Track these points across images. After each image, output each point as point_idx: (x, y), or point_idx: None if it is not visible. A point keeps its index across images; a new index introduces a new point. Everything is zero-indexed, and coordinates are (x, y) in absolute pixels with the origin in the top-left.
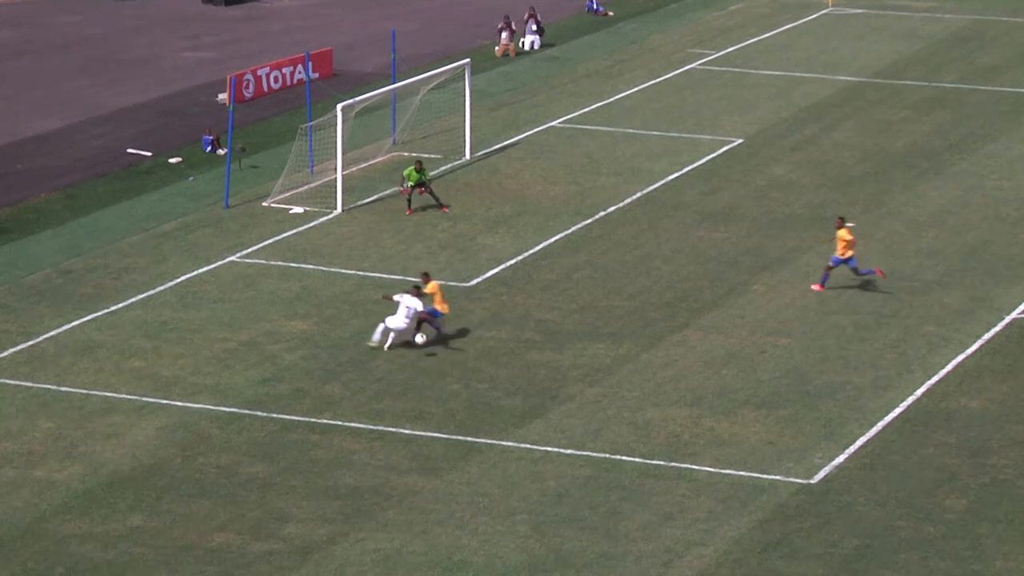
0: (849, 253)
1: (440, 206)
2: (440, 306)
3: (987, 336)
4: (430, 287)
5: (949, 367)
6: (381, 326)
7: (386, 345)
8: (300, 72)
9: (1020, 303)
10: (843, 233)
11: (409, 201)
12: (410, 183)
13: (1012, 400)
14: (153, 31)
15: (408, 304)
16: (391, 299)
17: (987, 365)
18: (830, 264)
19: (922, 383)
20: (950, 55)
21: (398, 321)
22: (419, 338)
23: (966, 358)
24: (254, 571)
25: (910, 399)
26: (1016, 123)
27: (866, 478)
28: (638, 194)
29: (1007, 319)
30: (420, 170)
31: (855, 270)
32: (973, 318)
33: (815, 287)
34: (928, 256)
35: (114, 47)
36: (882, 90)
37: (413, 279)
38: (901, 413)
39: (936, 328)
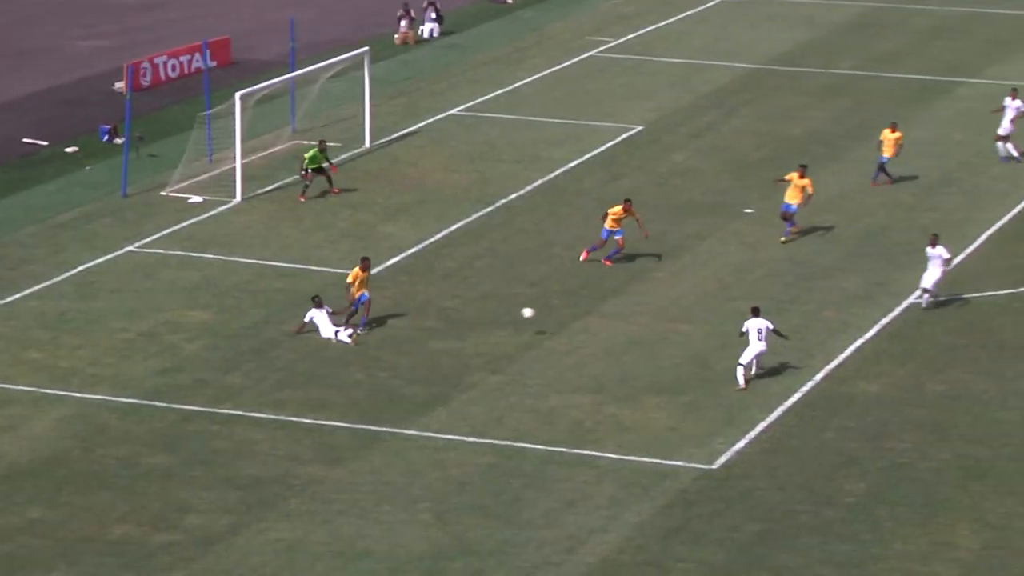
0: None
1: (331, 188)
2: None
3: (885, 320)
4: (354, 275)
5: (848, 352)
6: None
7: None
8: (198, 60)
9: (917, 287)
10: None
11: (305, 187)
12: (310, 166)
13: (910, 384)
14: (49, 19)
15: (317, 319)
16: (302, 329)
17: (885, 349)
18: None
19: (821, 368)
20: (847, 42)
21: (327, 332)
22: (344, 334)
23: (865, 343)
24: (155, 563)
25: (810, 384)
26: (912, 109)
27: (767, 463)
28: (539, 182)
29: (905, 303)
30: (323, 150)
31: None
32: (872, 303)
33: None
34: (827, 242)
35: (10, 35)
36: (780, 77)
37: (314, 268)
38: (801, 398)
39: (835, 313)
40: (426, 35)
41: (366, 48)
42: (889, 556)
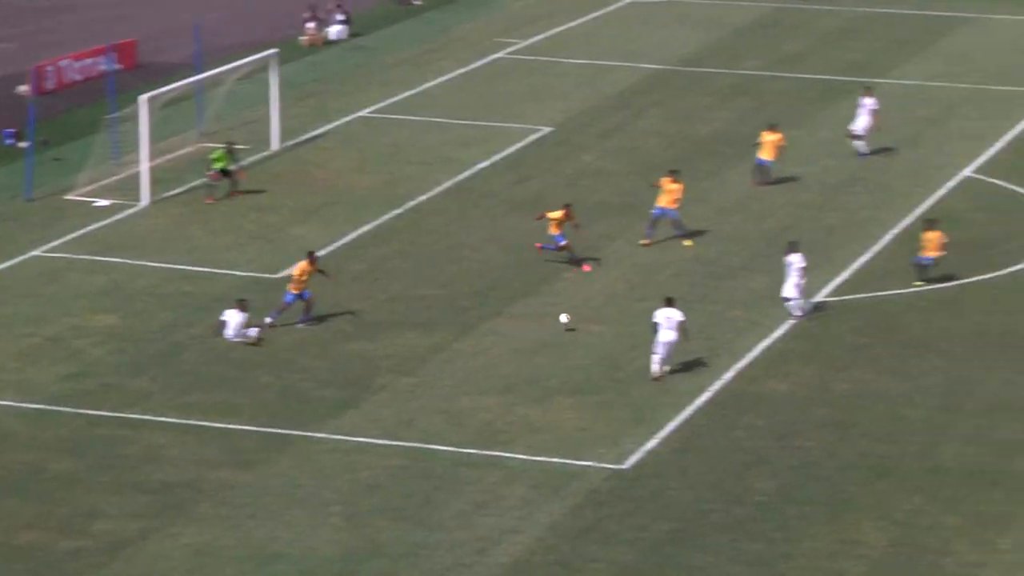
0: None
1: (235, 191)
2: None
3: (792, 320)
4: (301, 268)
5: (756, 351)
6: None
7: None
8: (103, 63)
9: (823, 287)
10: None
11: (212, 188)
12: (218, 167)
13: (818, 383)
14: None
15: (230, 320)
16: (222, 331)
17: (793, 348)
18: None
19: (730, 367)
20: (752, 42)
21: (232, 334)
22: (253, 332)
23: (773, 342)
24: (63, 569)
25: (719, 383)
26: (817, 110)
27: (677, 462)
28: (448, 183)
29: (811, 302)
30: (231, 152)
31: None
32: (778, 302)
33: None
34: (733, 242)
35: None
36: (687, 78)
37: (222, 271)
38: (711, 397)
39: (743, 312)
40: (334, 37)
41: (274, 50)
42: (798, 554)
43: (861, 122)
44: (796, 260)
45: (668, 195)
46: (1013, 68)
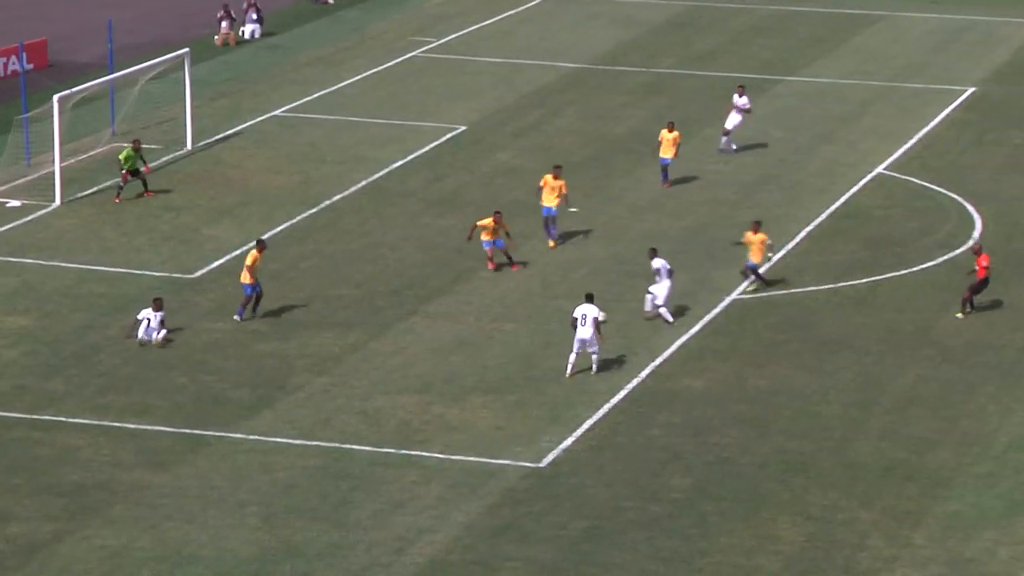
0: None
1: (145, 190)
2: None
3: (708, 317)
4: (253, 256)
5: (672, 348)
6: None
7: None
8: (14, 63)
9: (739, 284)
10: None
11: (120, 188)
12: (126, 166)
13: (733, 379)
14: None
15: (148, 316)
16: (135, 332)
17: (709, 345)
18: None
19: (647, 364)
20: (666, 41)
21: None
22: (160, 335)
23: (689, 339)
24: None
25: (635, 381)
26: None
27: (594, 460)
28: (363, 182)
29: (727, 300)
30: (137, 150)
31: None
32: (694, 299)
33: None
34: (650, 240)
35: None
36: (602, 76)
37: (136, 271)
38: (627, 395)
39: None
40: (247, 36)
41: (186, 49)
42: (715, 550)
43: (731, 120)
44: (662, 264)
45: (552, 192)
46: (924, 65)
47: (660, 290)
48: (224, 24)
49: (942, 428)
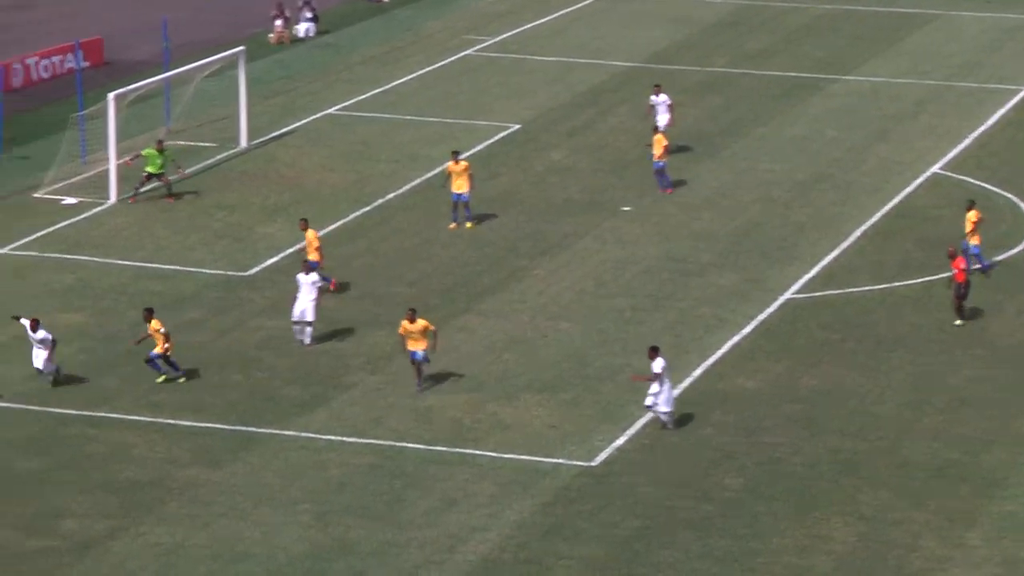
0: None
1: (169, 195)
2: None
3: (761, 317)
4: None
5: (725, 348)
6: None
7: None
8: (71, 61)
9: (792, 283)
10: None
11: (137, 189)
12: (148, 168)
13: (785, 379)
14: None
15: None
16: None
17: (761, 346)
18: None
19: (698, 364)
20: (719, 40)
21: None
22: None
23: (741, 339)
24: (31, 567)
25: (687, 381)
26: (785, 107)
27: (645, 459)
28: (416, 181)
29: (780, 300)
30: (162, 151)
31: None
32: (747, 299)
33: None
34: (702, 239)
35: None
36: (655, 75)
37: (190, 269)
38: (679, 395)
39: (711, 310)
40: (302, 34)
41: (241, 48)
42: (767, 550)
43: (662, 119)
44: (311, 279)
45: (459, 178)
46: (978, 65)
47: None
48: (278, 22)
49: (995, 428)
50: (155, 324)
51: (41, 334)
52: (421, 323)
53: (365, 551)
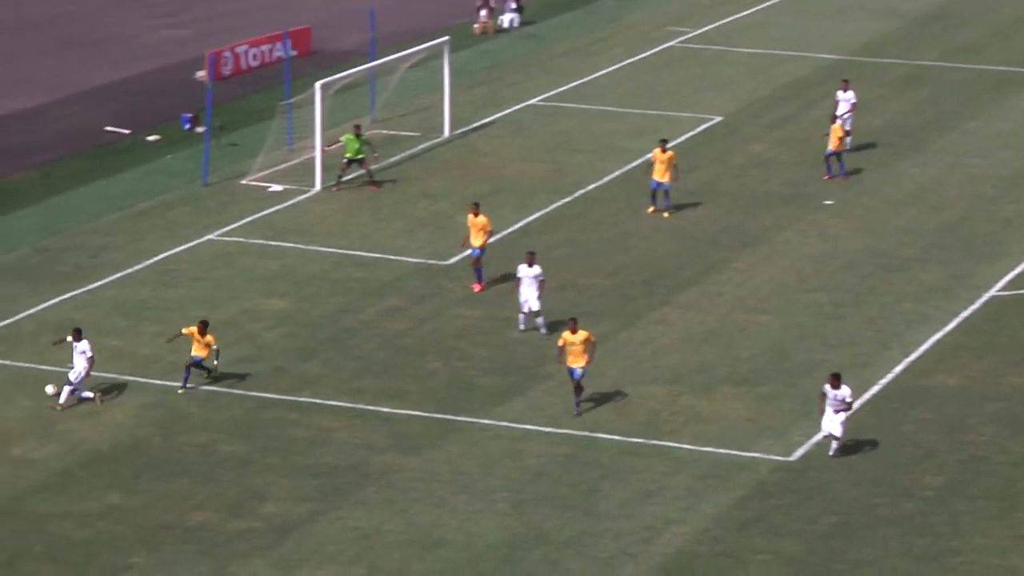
0: None
1: (371, 183)
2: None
3: (965, 313)
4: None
5: (927, 344)
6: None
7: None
8: (278, 50)
9: (998, 280)
10: None
11: (340, 177)
12: (347, 155)
13: (989, 377)
14: (131, 8)
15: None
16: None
17: (964, 342)
18: None
19: (900, 360)
20: (927, 33)
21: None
22: (50, 388)
23: (944, 335)
24: (232, 549)
25: (888, 376)
26: (994, 101)
27: (844, 456)
28: (616, 172)
29: (985, 296)
30: (359, 135)
31: None
32: (951, 295)
33: None
34: (906, 233)
35: (90, 25)
36: (860, 68)
37: (392, 257)
38: (879, 391)
39: (914, 305)
40: (506, 25)
41: (446, 38)
42: (968, 549)
43: (842, 109)
44: (531, 272)
45: (662, 166)
46: None
47: (532, 298)
48: (483, 13)
49: None
50: (210, 338)
51: (83, 345)
52: (583, 334)
53: (560, 541)
